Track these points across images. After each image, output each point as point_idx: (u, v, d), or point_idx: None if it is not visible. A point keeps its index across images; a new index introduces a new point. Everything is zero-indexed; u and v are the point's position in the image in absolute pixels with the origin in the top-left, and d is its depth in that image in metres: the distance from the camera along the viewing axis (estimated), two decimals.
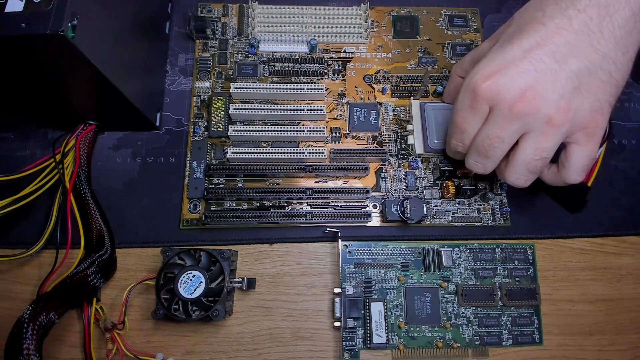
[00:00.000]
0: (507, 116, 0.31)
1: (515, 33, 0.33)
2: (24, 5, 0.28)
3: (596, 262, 0.43)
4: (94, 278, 0.36)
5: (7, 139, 0.42)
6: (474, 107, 0.33)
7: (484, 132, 0.33)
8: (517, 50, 0.31)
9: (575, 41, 0.30)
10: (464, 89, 0.33)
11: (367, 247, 0.41)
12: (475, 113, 0.33)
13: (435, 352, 0.39)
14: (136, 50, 0.40)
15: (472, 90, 0.32)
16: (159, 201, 0.41)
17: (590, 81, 0.31)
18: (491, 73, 0.31)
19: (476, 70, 0.32)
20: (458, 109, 0.34)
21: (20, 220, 0.40)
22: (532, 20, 0.32)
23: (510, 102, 0.31)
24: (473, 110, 0.33)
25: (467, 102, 0.33)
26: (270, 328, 0.39)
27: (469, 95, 0.32)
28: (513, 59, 0.31)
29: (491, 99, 0.31)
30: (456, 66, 0.41)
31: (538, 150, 0.32)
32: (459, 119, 0.34)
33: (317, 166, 0.41)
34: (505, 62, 0.31)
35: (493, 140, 0.33)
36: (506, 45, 0.32)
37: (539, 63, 0.31)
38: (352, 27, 0.47)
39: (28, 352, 0.30)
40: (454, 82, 0.42)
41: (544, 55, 0.31)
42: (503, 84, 0.31)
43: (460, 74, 0.41)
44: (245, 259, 0.41)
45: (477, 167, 0.36)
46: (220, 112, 0.43)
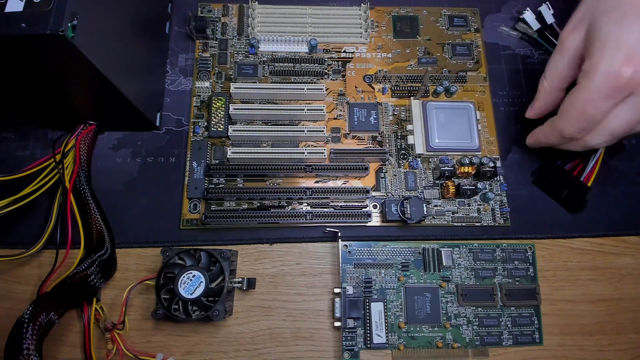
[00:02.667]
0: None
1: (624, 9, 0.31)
2: (24, 5, 0.28)
3: (596, 262, 0.43)
4: (94, 278, 0.36)
5: (7, 139, 0.42)
6: (613, 96, 0.31)
7: (623, 117, 0.32)
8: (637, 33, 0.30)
9: None
10: (602, 76, 0.31)
11: (367, 247, 0.41)
12: (612, 100, 0.32)
13: (435, 352, 0.39)
14: (136, 50, 0.40)
15: (616, 77, 0.31)
16: (159, 201, 0.41)
17: None
18: (630, 58, 0.30)
19: (611, 55, 0.31)
20: (592, 98, 0.32)
21: (20, 220, 0.40)
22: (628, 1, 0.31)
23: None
24: (611, 99, 0.32)
25: (606, 90, 0.31)
26: (270, 328, 0.39)
27: (611, 82, 0.31)
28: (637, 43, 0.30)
29: (636, 85, 0.31)
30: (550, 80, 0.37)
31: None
32: (592, 109, 0.32)
33: (317, 166, 0.41)
34: (638, 45, 0.30)
35: (633, 124, 0.33)
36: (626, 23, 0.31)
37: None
38: (352, 27, 0.47)
39: (28, 352, 0.30)
40: (552, 97, 0.38)
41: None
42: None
43: (560, 85, 0.37)
44: (245, 259, 0.41)
45: (601, 145, 0.35)
46: (220, 112, 0.43)
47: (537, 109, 0.40)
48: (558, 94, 0.38)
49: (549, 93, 0.38)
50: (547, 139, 0.39)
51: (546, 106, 0.39)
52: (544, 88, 0.38)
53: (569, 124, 0.34)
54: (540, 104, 0.39)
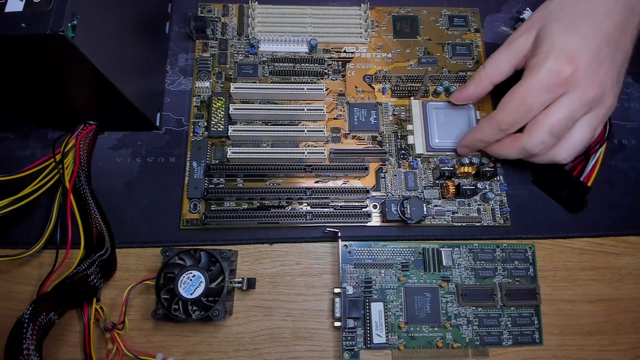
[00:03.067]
0: (584, 101, 0.34)
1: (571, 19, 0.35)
2: (24, 5, 0.28)
3: (596, 262, 0.43)
4: (94, 278, 0.36)
5: (7, 139, 0.42)
6: (552, 90, 0.34)
7: (559, 113, 0.34)
8: (584, 37, 0.34)
9: (619, 36, 0.35)
10: (545, 70, 0.34)
11: (367, 247, 0.41)
12: (550, 94, 0.34)
13: (435, 352, 0.39)
14: (136, 50, 0.40)
15: (557, 73, 0.33)
16: (159, 201, 0.41)
17: (622, 71, 0.36)
18: (574, 58, 0.33)
19: (556, 54, 0.34)
20: (532, 89, 0.34)
21: (20, 220, 0.40)
22: (582, 10, 0.35)
23: (587, 88, 0.34)
24: (549, 92, 0.34)
25: (546, 83, 0.34)
26: (270, 328, 0.39)
27: (552, 77, 0.34)
28: (584, 45, 0.34)
29: (573, 83, 0.34)
30: (489, 72, 0.39)
31: (592, 129, 0.36)
32: (531, 99, 0.35)
33: (317, 166, 0.41)
34: (579, 48, 0.33)
35: (569, 121, 0.35)
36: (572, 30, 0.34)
37: (600, 52, 0.34)
38: (352, 27, 0.47)
39: (28, 352, 0.30)
40: (482, 87, 0.40)
41: (604, 46, 0.34)
42: (583, 70, 0.33)
43: (497, 78, 0.39)
44: (245, 259, 0.41)
45: (539, 147, 0.36)
46: (220, 112, 0.43)
47: (465, 94, 0.42)
48: (488, 87, 0.40)
49: (482, 82, 0.40)
50: (482, 134, 0.40)
51: (474, 94, 0.41)
52: (479, 77, 0.40)
53: (507, 114, 0.36)
54: (470, 90, 0.41)
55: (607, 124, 0.42)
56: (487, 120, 0.39)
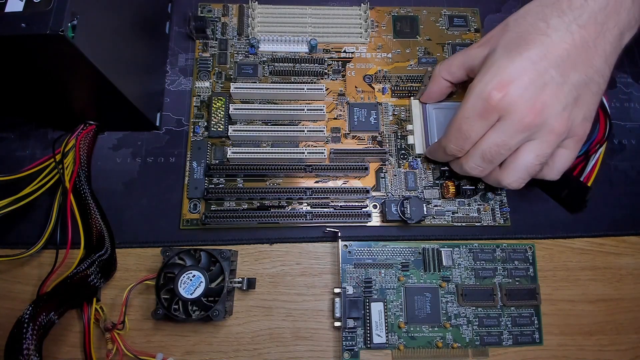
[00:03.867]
0: (518, 127, 0.32)
1: (519, 42, 0.33)
2: (24, 5, 0.28)
3: (596, 262, 0.43)
4: (94, 278, 0.36)
5: (7, 139, 0.42)
6: (484, 116, 0.33)
7: (491, 139, 0.33)
8: (526, 61, 0.32)
9: (576, 55, 0.32)
10: (475, 96, 0.33)
11: (367, 247, 0.41)
12: (484, 121, 0.33)
13: (435, 352, 0.39)
14: (136, 50, 0.40)
15: (486, 99, 0.32)
16: (159, 201, 0.41)
17: (585, 93, 0.33)
18: (504, 84, 0.32)
19: (487, 79, 0.33)
20: (466, 116, 0.34)
21: (20, 220, 0.40)
22: (535, 31, 0.33)
23: (522, 114, 0.32)
24: (483, 119, 0.33)
25: (478, 110, 0.33)
26: (270, 328, 0.39)
27: (481, 104, 0.33)
28: (523, 70, 0.32)
29: (504, 109, 0.32)
30: (441, 68, 0.40)
31: (539, 156, 0.34)
32: (466, 126, 0.34)
33: (317, 166, 0.41)
34: (516, 74, 0.32)
35: (501, 147, 0.33)
36: (514, 54, 0.32)
37: (546, 75, 0.32)
38: (352, 27, 0.47)
39: (28, 352, 0.30)
40: (438, 84, 0.41)
41: (550, 68, 0.32)
42: (517, 96, 0.32)
43: (447, 77, 0.40)
44: (245, 259, 0.41)
45: (475, 171, 0.36)
46: (220, 112, 0.43)
47: (426, 95, 0.43)
48: (444, 84, 0.41)
49: (436, 78, 0.41)
50: (435, 155, 0.41)
51: (432, 90, 0.42)
52: (434, 74, 0.41)
53: (447, 140, 0.36)
54: (428, 90, 0.43)
55: (607, 124, 0.43)
56: (437, 143, 0.39)
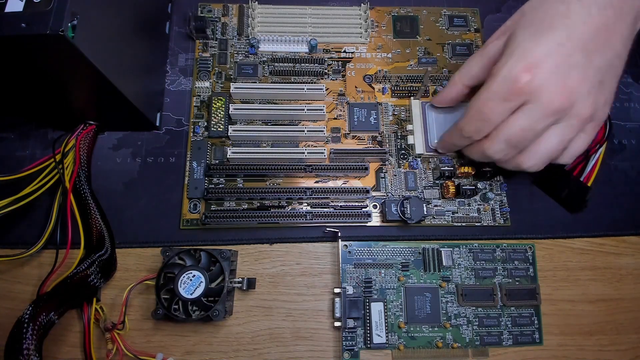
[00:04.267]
0: (546, 111, 0.32)
1: (541, 24, 0.32)
2: (24, 5, 0.28)
3: (596, 262, 0.43)
4: (94, 278, 0.36)
5: (7, 139, 0.42)
6: (509, 99, 0.32)
7: (518, 124, 0.33)
8: (552, 43, 0.31)
9: (598, 38, 0.32)
10: (501, 78, 0.32)
11: (367, 247, 0.41)
12: (508, 104, 0.33)
13: (435, 352, 0.39)
14: (136, 50, 0.40)
15: (513, 82, 0.32)
16: (159, 201, 0.41)
17: (607, 77, 0.33)
18: (531, 66, 0.31)
19: (514, 61, 0.32)
20: (490, 98, 0.33)
21: (20, 220, 0.40)
22: (556, 14, 0.32)
23: (549, 98, 0.31)
24: (507, 102, 0.32)
25: (503, 93, 0.32)
26: (270, 328, 0.39)
27: (508, 86, 0.32)
28: (549, 52, 0.31)
29: (532, 92, 0.32)
30: (461, 75, 0.39)
31: (563, 140, 0.34)
32: (488, 108, 0.33)
33: (317, 166, 0.41)
34: (543, 56, 0.31)
35: (527, 132, 0.33)
36: (538, 36, 0.32)
37: (572, 58, 0.31)
38: (352, 27, 0.47)
39: (28, 352, 0.30)
40: (456, 90, 0.40)
41: (575, 50, 0.31)
42: (544, 79, 0.31)
43: (469, 82, 0.39)
44: (245, 259, 0.41)
45: (498, 155, 0.36)
46: (220, 112, 0.43)
47: (441, 97, 0.42)
48: (463, 90, 0.40)
49: (456, 86, 0.40)
50: (450, 139, 0.40)
51: (449, 96, 0.41)
52: (453, 80, 0.40)
53: (467, 122, 0.36)
54: (445, 93, 0.41)
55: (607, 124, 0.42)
56: (454, 127, 0.38)
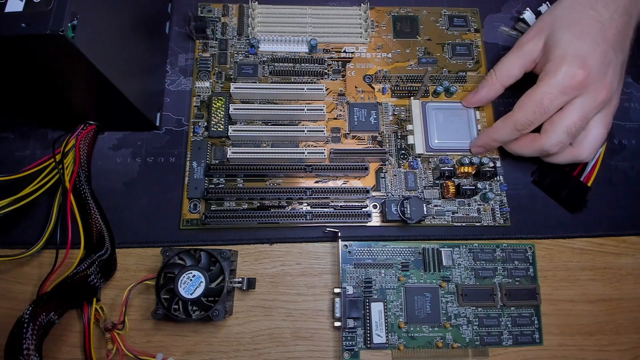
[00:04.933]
0: (596, 102, 0.37)
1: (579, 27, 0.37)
2: (24, 5, 0.28)
3: (596, 262, 0.43)
4: (94, 278, 0.36)
5: (7, 139, 0.42)
6: (566, 92, 0.37)
7: (574, 114, 0.37)
8: (594, 43, 0.37)
9: (620, 39, 0.38)
10: (562, 74, 0.36)
11: (367, 247, 0.41)
12: (565, 97, 0.37)
13: (435, 352, 0.39)
14: (136, 50, 0.40)
15: (572, 77, 0.36)
16: (159, 201, 0.41)
17: (623, 71, 0.39)
18: (585, 63, 0.36)
19: (570, 60, 0.36)
20: (550, 91, 0.37)
21: (20, 220, 0.40)
22: (588, 17, 0.38)
23: (598, 91, 0.37)
24: (564, 94, 0.37)
25: (562, 86, 0.36)
26: (270, 328, 0.39)
27: (568, 81, 0.36)
28: (594, 51, 0.36)
29: (585, 86, 0.36)
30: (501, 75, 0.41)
31: (606, 125, 0.39)
32: (547, 101, 0.37)
33: (317, 166, 0.41)
34: (590, 54, 0.36)
35: (583, 121, 0.37)
36: (582, 37, 0.37)
37: (608, 55, 0.37)
38: (352, 27, 0.47)
39: (28, 352, 0.30)
40: (495, 91, 0.42)
41: (609, 49, 0.37)
42: (594, 75, 0.36)
43: (508, 82, 0.41)
44: (245, 259, 0.41)
45: (556, 148, 0.38)
46: (220, 112, 0.43)
47: (477, 97, 0.43)
48: (499, 90, 0.42)
49: (494, 85, 0.42)
50: (498, 134, 0.41)
51: (487, 96, 0.43)
52: (491, 80, 0.42)
53: (523, 115, 0.38)
54: (482, 93, 0.43)
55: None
56: (504, 121, 0.40)
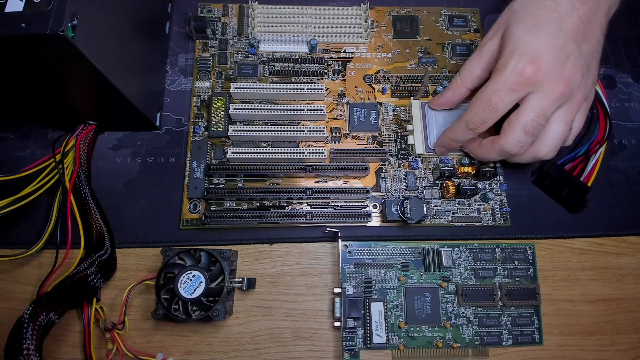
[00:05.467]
0: (552, 98, 0.35)
1: (534, 19, 0.36)
2: (24, 5, 0.28)
3: (596, 262, 0.43)
4: (94, 278, 0.36)
5: (7, 139, 0.42)
6: (516, 89, 0.35)
7: (530, 112, 0.35)
8: (548, 36, 0.35)
9: (584, 28, 0.36)
10: (509, 71, 0.35)
11: (367, 247, 0.41)
12: (514, 94, 0.35)
13: (435, 352, 0.39)
14: (136, 50, 0.40)
15: (520, 73, 0.34)
16: (159, 201, 0.41)
17: (592, 61, 0.37)
18: (535, 58, 0.34)
19: (518, 55, 0.35)
20: (497, 89, 0.36)
21: (20, 220, 0.40)
22: (546, 8, 0.36)
23: (553, 85, 0.35)
24: (513, 92, 0.35)
25: (511, 84, 0.35)
26: (270, 328, 0.39)
27: (515, 77, 0.35)
28: (548, 44, 0.34)
29: (537, 82, 0.35)
30: (464, 78, 0.40)
31: (568, 122, 0.37)
32: (496, 99, 0.36)
33: (317, 166, 0.41)
34: (543, 48, 0.34)
35: (540, 118, 0.35)
36: (535, 30, 0.35)
37: (566, 48, 0.35)
38: (352, 27, 0.47)
39: (28, 352, 0.30)
40: (459, 94, 0.41)
41: (568, 41, 0.35)
42: (547, 69, 0.34)
43: (471, 85, 0.40)
44: (245, 259, 0.41)
45: (516, 148, 0.37)
46: (220, 112, 0.43)
47: (442, 100, 0.43)
48: (465, 92, 0.41)
49: (458, 88, 0.41)
50: (453, 134, 0.41)
51: (452, 99, 0.42)
52: (455, 83, 0.41)
53: (474, 113, 0.37)
54: (447, 96, 0.42)
55: (607, 124, 0.43)
56: (457, 121, 0.40)
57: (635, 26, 0.50)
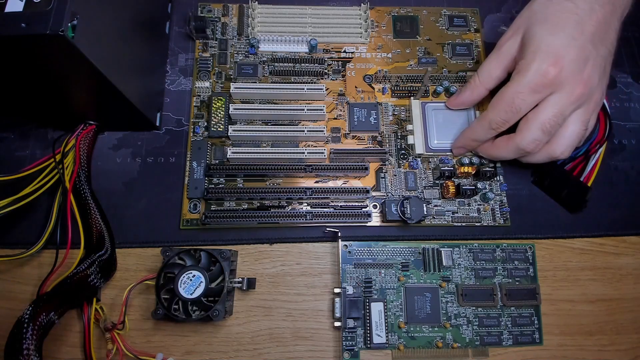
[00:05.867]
0: (571, 98, 0.35)
1: (555, 21, 0.36)
2: (24, 5, 0.28)
3: (596, 262, 0.43)
4: (94, 278, 0.36)
5: (7, 139, 0.42)
6: (538, 90, 0.35)
7: (549, 111, 0.36)
8: (569, 38, 0.35)
9: (601, 31, 0.36)
10: (532, 72, 0.35)
11: (367, 247, 0.41)
12: (536, 95, 0.36)
13: (435, 352, 0.39)
14: (136, 50, 0.40)
15: (543, 75, 0.35)
16: (159, 201, 0.41)
17: (608, 64, 0.38)
18: (557, 60, 0.35)
19: (542, 57, 0.35)
20: (519, 90, 0.36)
21: (20, 220, 0.40)
22: (565, 10, 0.36)
23: (573, 86, 0.35)
24: (536, 93, 0.36)
25: (533, 85, 0.35)
26: (270, 328, 0.39)
27: (538, 79, 0.35)
28: (569, 46, 0.35)
29: (559, 83, 0.35)
30: (483, 78, 0.41)
31: (584, 122, 0.37)
32: (518, 100, 0.36)
33: (317, 166, 0.41)
34: (564, 50, 0.35)
35: (558, 118, 0.36)
36: (556, 32, 0.36)
37: (585, 50, 0.35)
38: (352, 27, 0.47)
39: (28, 352, 0.30)
40: (478, 92, 0.42)
41: (587, 43, 0.35)
42: (569, 71, 0.35)
43: (490, 85, 0.41)
44: (245, 259, 0.41)
45: (532, 145, 0.37)
46: (220, 112, 0.43)
47: (460, 100, 0.43)
48: (483, 92, 0.42)
49: (477, 88, 0.41)
50: (474, 134, 0.41)
51: (470, 98, 0.42)
52: (474, 83, 0.41)
53: (496, 113, 0.38)
54: (465, 95, 0.42)
55: (607, 124, 0.42)
56: (479, 121, 0.40)
57: (635, 26, 0.50)
